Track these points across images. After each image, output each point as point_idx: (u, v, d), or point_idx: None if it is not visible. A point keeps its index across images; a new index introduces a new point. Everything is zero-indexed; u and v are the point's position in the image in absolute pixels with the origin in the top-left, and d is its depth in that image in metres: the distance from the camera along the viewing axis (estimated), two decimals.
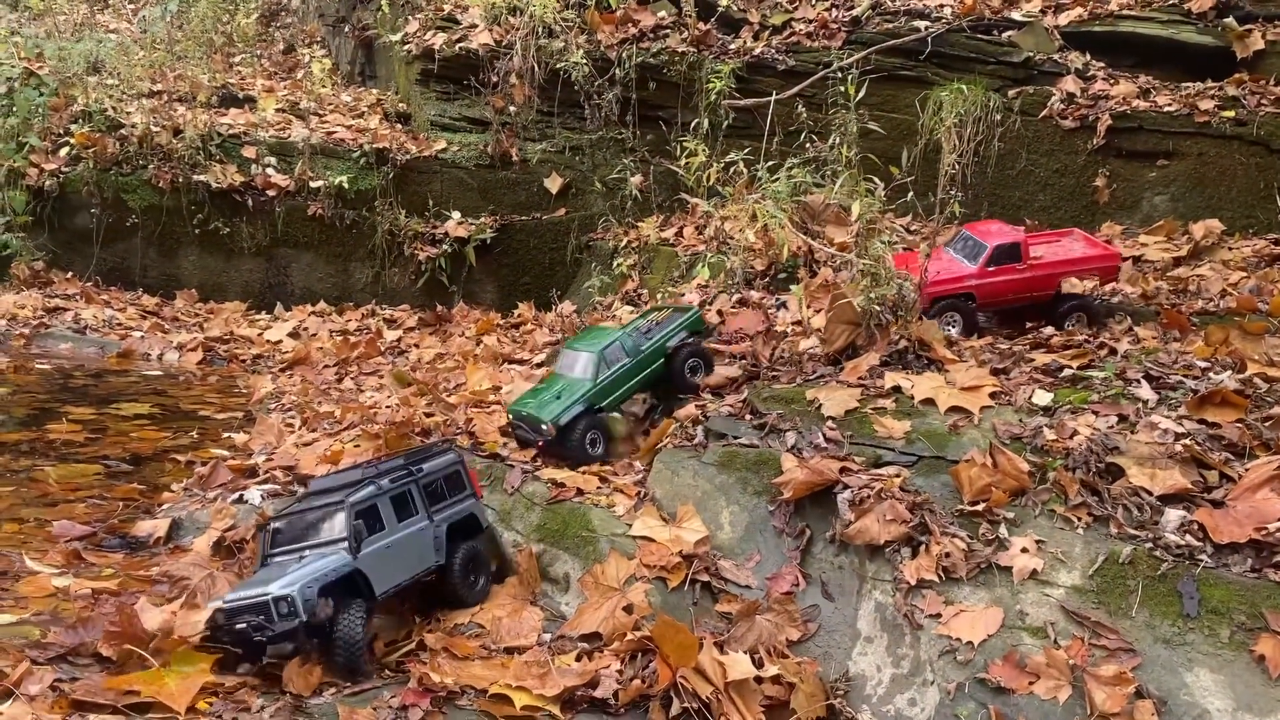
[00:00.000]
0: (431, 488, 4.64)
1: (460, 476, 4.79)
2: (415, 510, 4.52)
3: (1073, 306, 6.18)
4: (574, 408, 5.35)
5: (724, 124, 9.25)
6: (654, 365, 5.67)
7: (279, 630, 3.83)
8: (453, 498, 4.70)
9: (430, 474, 4.66)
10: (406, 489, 4.53)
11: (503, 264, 10.66)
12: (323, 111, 11.70)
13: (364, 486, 4.37)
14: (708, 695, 3.90)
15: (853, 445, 4.86)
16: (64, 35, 13.22)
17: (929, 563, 4.23)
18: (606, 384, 5.47)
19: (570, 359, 5.65)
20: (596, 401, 5.44)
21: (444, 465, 4.75)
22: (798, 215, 7.51)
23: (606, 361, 5.49)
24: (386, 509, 4.39)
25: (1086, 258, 6.39)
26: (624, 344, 5.59)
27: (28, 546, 4.90)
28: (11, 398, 7.57)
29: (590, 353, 5.52)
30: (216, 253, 10.52)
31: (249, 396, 8.00)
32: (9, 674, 3.54)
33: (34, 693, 3.43)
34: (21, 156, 10.19)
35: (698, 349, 5.77)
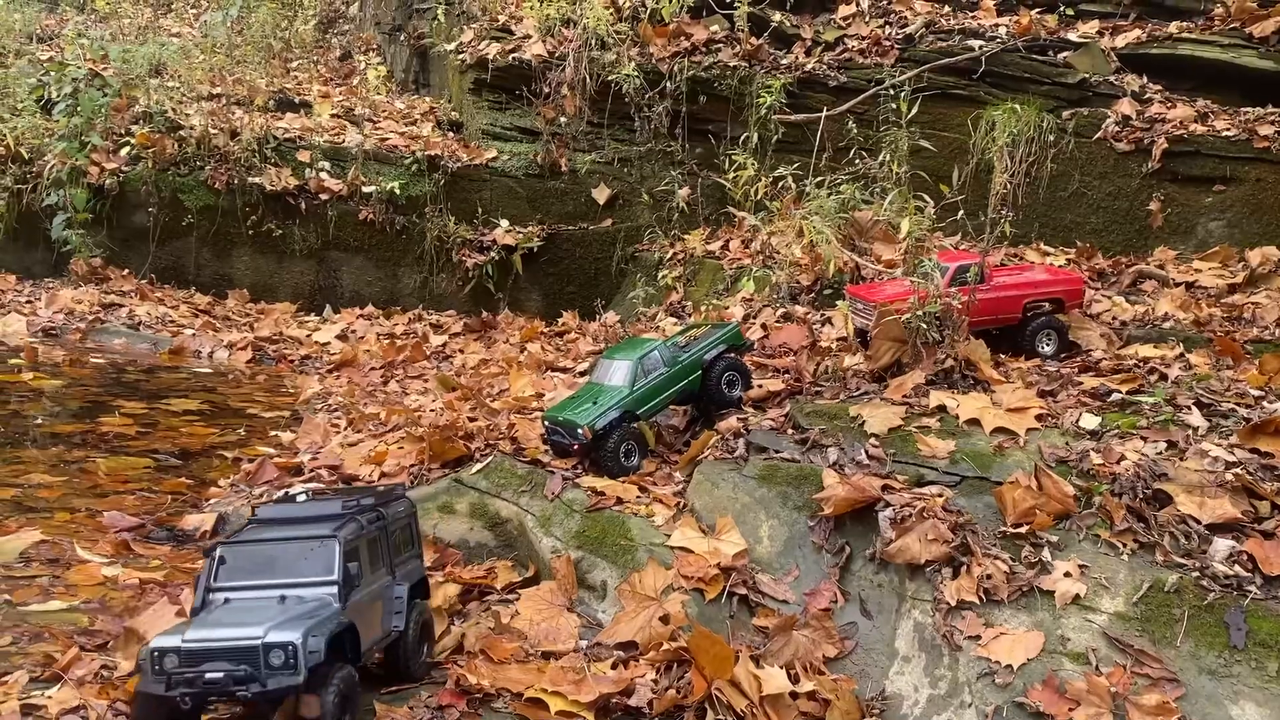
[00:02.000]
0: (394, 538, 4.01)
1: (414, 529, 4.20)
2: (383, 561, 3.87)
3: (1041, 325, 6.08)
4: (610, 413, 5.29)
5: (773, 139, 9.25)
6: (691, 377, 5.61)
7: (271, 688, 3.16)
8: (408, 553, 4.09)
9: (394, 521, 4.02)
10: (380, 534, 3.88)
11: (548, 273, 10.73)
12: (377, 118, 11.88)
13: (348, 521, 3.69)
14: (742, 709, 3.89)
15: (895, 463, 4.84)
16: (128, 38, 13.52)
17: (970, 584, 4.19)
18: (643, 392, 5.43)
19: (607, 368, 5.62)
20: (632, 409, 5.38)
21: (404, 514, 4.13)
22: (845, 231, 7.50)
23: (644, 369, 5.46)
24: (365, 554, 3.73)
25: (1051, 281, 6.35)
26: (661, 354, 5.56)
27: (79, 536, 5.02)
28: (66, 390, 7.75)
29: (628, 361, 5.49)
30: (269, 254, 10.69)
31: (296, 396, 8.13)
32: (58, 659, 3.62)
33: (81, 677, 3.49)
34: (84, 155, 10.44)
35: (734, 363, 5.71)
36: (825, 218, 7.43)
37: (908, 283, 6.20)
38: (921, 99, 8.23)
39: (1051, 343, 6.03)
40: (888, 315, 5.53)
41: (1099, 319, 6.80)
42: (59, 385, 7.85)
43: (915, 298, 5.50)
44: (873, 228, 7.62)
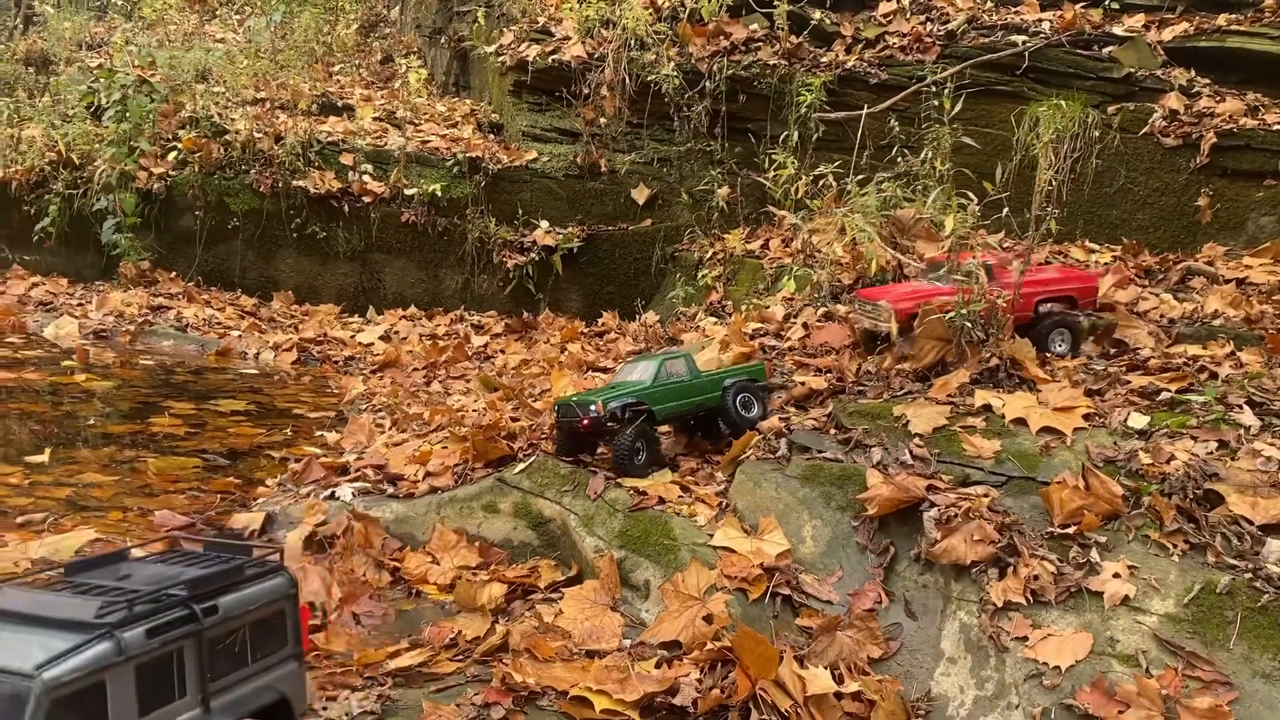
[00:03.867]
0: (226, 643, 2.80)
1: (284, 620, 2.99)
2: (178, 692, 2.64)
3: (1054, 324, 5.97)
4: (626, 399, 5.35)
5: (813, 137, 9.22)
6: (709, 394, 5.63)
7: None
8: (261, 659, 2.91)
9: (231, 618, 2.79)
10: (175, 651, 2.62)
11: (588, 273, 10.77)
12: (418, 121, 11.98)
13: (92, 644, 2.45)
14: (786, 709, 3.88)
15: (940, 463, 4.80)
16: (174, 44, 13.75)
17: (1017, 584, 4.15)
18: (661, 390, 5.48)
19: (630, 368, 5.76)
20: (650, 403, 5.42)
21: (260, 599, 2.91)
22: (887, 229, 7.45)
23: (666, 369, 5.54)
24: (122, 691, 2.48)
25: (1062, 279, 6.25)
26: (687, 364, 5.65)
27: (131, 534, 5.10)
28: (117, 392, 7.89)
29: (653, 360, 5.63)
30: (313, 256, 10.83)
31: (341, 397, 8.22)
32: None
33: None
34: (132, 160, 10.63)
35: (748, 386, 5.70)
36: (867, 216, 7.39)
37: (916, 285, 6.16)
38: (964, 96, 8.16)
39: (1065, 342, 5.95)
40: (931, 314, 5.49)
41: (1146, 317, 6.71)
42: (110, 386, 7.99)
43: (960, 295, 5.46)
44: (915, 226, 7.55)
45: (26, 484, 5.67)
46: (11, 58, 13.22)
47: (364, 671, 3.87)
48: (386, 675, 3.86)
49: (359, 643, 4.22)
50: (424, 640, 4.25)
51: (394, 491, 5.56)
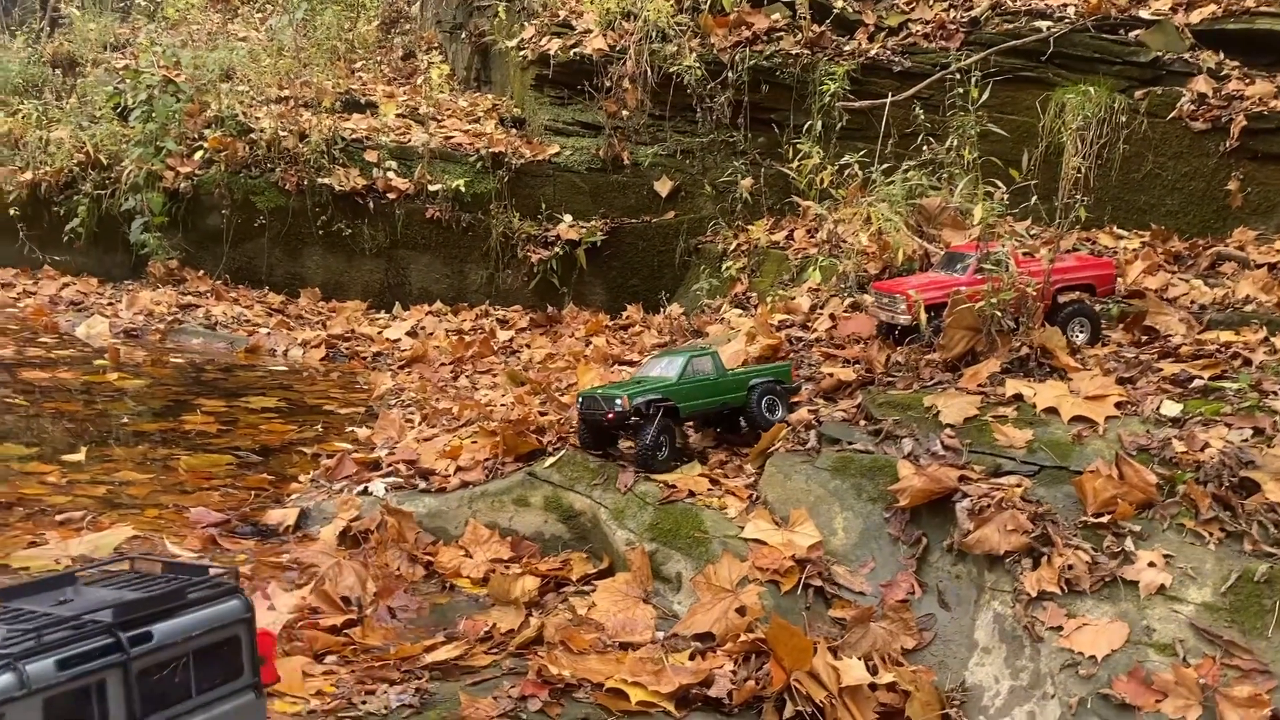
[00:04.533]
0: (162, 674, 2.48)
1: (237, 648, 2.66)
2: None
3: (1073, 313, 5.91)
4: (651, 394, 5.30)
5: (837, 126, 9.18)
6: (734, 393, 5.58)
7: None
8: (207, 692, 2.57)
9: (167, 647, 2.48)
10: (95, 684, 2.34)
11: (612, 266, 10.78)
12: (441, 116, 12.01)
13: None
14: (821, 700, 3.89)
15: (972, 453, 4.79)
16: (198, 44, 13.84)
17: (1051, 574, 4.14)
18: (688, 387, 5.42)
19: (655, 362, 5.71)
20: (675, 400, 5.37)
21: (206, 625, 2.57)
22: (913, 218, 7.42)
23: (694, 367, 5.49)
24: None
25: (1080, 267, 6.18)
26: (714, 361, 5.59)
27: (168, 531, 5.17)
28: (149, 390, 7.98)
29: (679, 356, 5.56)
30: (339, 253, 10.89)
31: (370, 392, 8.28)
32: None
33: None
34: (159, 160, 10.72)
35: (773, 387, 5.63)
36: (893, 205, 7.37)
37: (933, 276, 6.13)
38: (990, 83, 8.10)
39: (1084, 331, 5.89)
40: (961, 304, 5.47)
41: (1177, 303, 6.66)
42: (142, 385, 8.08)
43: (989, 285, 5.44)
44: (941, 214, 7.53)
45: (64, 482, 5.75)
46: (39, 60, 13.34)
47: (401, 665, 3.91)
48: (423, 669, 3.89)
49: (395, 636, 4.26)
50: (459, 634, 4.28)
51: (426, 486, 5.60)
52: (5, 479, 5.73)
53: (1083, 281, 6.10)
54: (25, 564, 4.62)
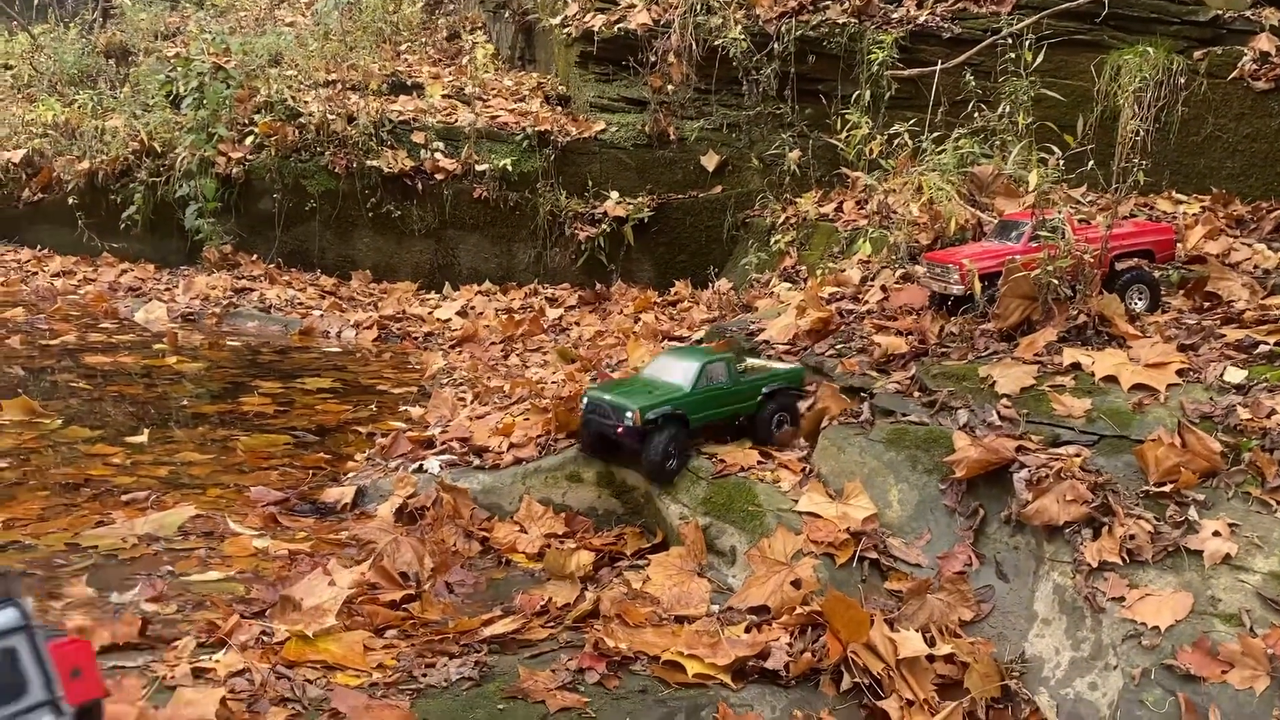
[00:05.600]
0: None
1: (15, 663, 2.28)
2: None
3: (1131, 279, 5.74)
4: (664, 407, 5.00)
5: (886, 96, 9.05)
6: (747, 403, 5.32)
7: None
8: None
9: None
10: None
11: (659, 242, 10.76)
12: (486, 96, 12.04)
13: None
14: (879, 671, 3.87)
15: (1029, 423, 4.72)
16: (246, 30, 13.99)
17: (1112, 544, 4.07)
18: (701, 397, 5.13)
19: (667, 364, 5.32)
20: (687, 411, 5.08)
21: None
22: (965, 187, 7.31)
23: (708, 375, 5.16)
24: None
25: (1138, 233, 6.00)
26: (728, 367, 5.27)
27: (229, 510, 5.27)
28: (207, 373, 8.12)
29: (694, 362, 5.21)
30: (388, 235, 10.98)
31: (422, 372, 8.36)
32: (221, 625, 3.83)
33: (243, 643, 3.69)
34: (211, 146, 10.87)
35: (788, 404, 5.41)
36: (944, 174, 7.25)
37: (986, 245, 6.03)
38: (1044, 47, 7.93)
39: (1144, 298, 5.75)
40: (1015, 272, 5.38)
41: (1239, 268, 6.50)
42: (200, 368, 8.23)
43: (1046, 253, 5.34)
44: (994, 182, 7.40)
45: (128, 463, 5.89)
46: (93, 51, 13.57)
47: (460, 639, 3.96)
48: (481, 642, 3.94)
49: (453, 611, 4.31)
50: (516, 608, 4.32)
51: (480, 463, 5.65)
52: (72, 460, 5.87)
53: (1141, 247, 5.97)
54: (94, 542, 4.75)
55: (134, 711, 3.07)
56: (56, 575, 4.40)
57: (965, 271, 5.64)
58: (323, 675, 3.53)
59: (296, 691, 3.37)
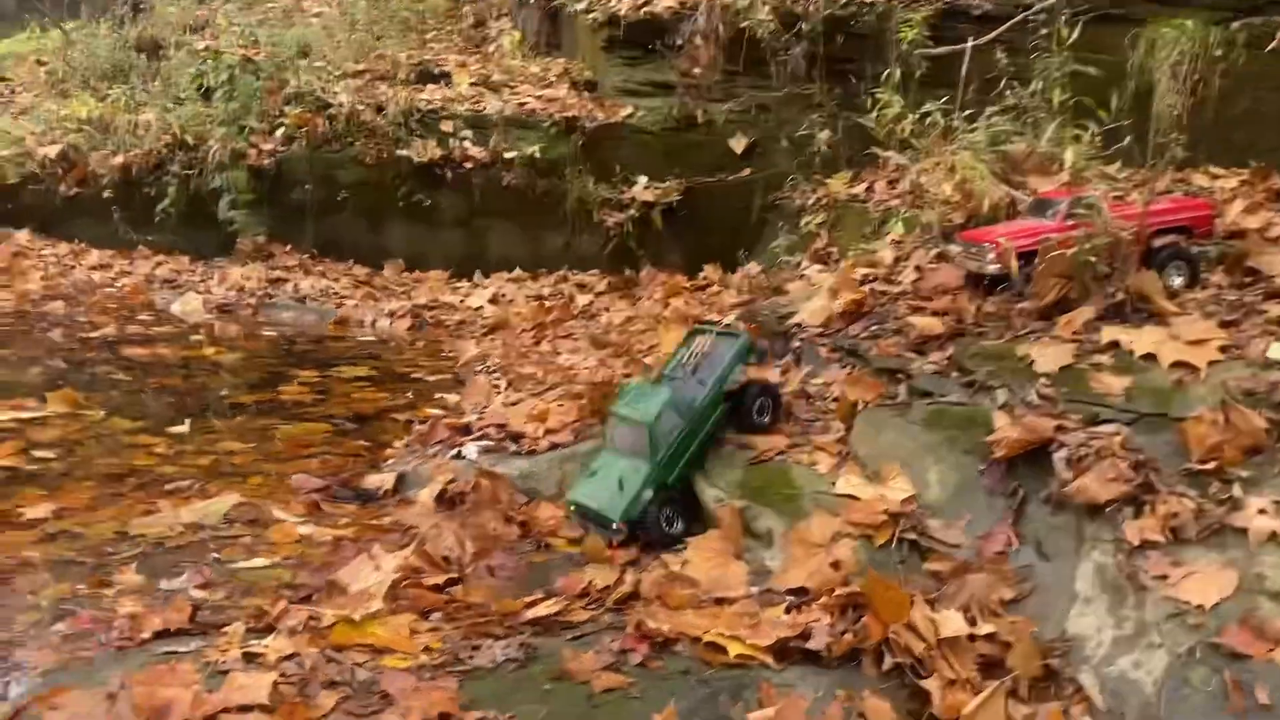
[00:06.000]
0: None
1: None
2: None
3: (1169, 256, 5.64)
4: (641, 497, 4.76)
5: (916, 75, 8.96)
6: (716, 415, 5.05)
7: None
8: None
9: None
10: None
11: (688, 227, 10.74)
12: (514, 83, 12.05)
13: None
14: (920, 651, 3.87)
15: (1068, 402, 4.69)
16: (275, 22, 14.07)
17: (1154, 523, 4.05)
18: (667, 459, 4.86)
19: (621, 433, 4.95)
20: (663, 479, 4.85)
21: None
22: (998, 166, 7.24)
23: (661, 433, 4.83)
24: None
25: (1176, 208, 5.90)
26: (676, 406, 4.91)
27: (272, 498, 5.35)
28: (244, 363, 8.22)
29: (642, 425, 4.84)
30: (420, 224, 11.04)
31: (456, 360, 8.42)
32: (270, 611, 3.89)
33: (292, 628, 3.75)
34: (243, 138, 10.96)
35: (766, 387, 5.20)
36: (976, 153, 7.19)
37: (1022, 223, 5.97)
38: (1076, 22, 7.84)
39: (1182, 274, 5.65)
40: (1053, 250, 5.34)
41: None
42: (237, 358, 8.34)
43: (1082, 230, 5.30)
44: (1027, 160, 7.33)
45: (171, 452, 5.98)
46: (125, 45, 13.69)
47: (504, 621, 4.01)
48: (525, 624, 3.98)
49: (495, 594, 4.35)
50: (557, 591, 4.36)
51: (517, 449, 5.69)
52: (116, 451, 5.97)
53: (1178, 223, 5.90)
54: (142, 531, 4.84)
55: (189, 695, 3.13)
56: (107, 563, 4.49)
57: (1001, 250, 5.61)
58: (371, 658, 3.58)
59: (346, 675, 3.42)
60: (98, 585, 4.23)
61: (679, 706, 3.43)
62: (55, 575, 4.32)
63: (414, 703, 3.23)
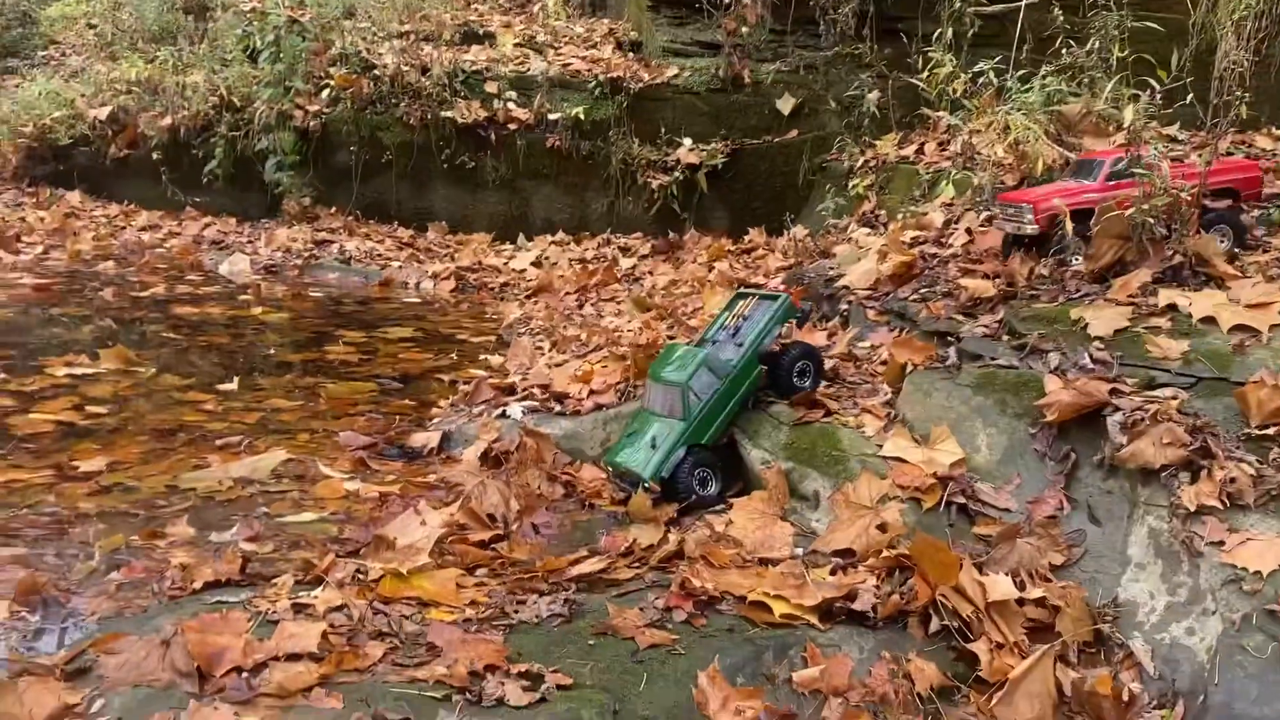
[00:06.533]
0: None
1: None
2: None
3: (1213, 220, 5.45)
4: (673, 455, 4.73)
5: (969, 34, 8.77)
6: (752, 377, 5.01)
7: None
8: None
9: None
10: None
11: (733, 189, 10.65)
12: (558, 44, 11.97)
13: None
14: (968, 614, 3.84)
15: (1123, 366, 4.59)
16: None
17: (1211, 488, 3.96)
18: (702, 419, 4.82)
19: (657, 394, 4.94)
20: (697, 439, 4.83)
21: None
22: (1052, 126, 7.08)
23: (695, 393, 4.80)
24: None
25: (1223, 169, 5.69)
26: (711, 366, 4.89)
27: (320, 454, 5.40)
28: (291, 323, 8.29)
29: (677, 386, 4.81)
30: (463, 186, 11.05)
31: (499, 321, 8.44)
32: (318, 564, 3.93)
33: (340, 580, 3.78)
34: (289, 100, 11.01)
35: (807, 349, 5.11)
36: (1030, 113, 7.04)
37: (1062, 184, 5.82)
38: None
39: (1226, 239, 5.49)
40: (1109, 212, 5.22)
41: None
42: (284, 318, 8.41)
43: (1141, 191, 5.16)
44: (1082, 121, 7.16)
45: (220, 409, 6.05)
46: (172, 7, 13.77)
47: (548, 577, 4.02)
48: (569, 581, 3.99)
49: (540, 551, 4.38)
50: (601, 549, 4.37)
51: (561, 409, 5.70)
52: (167, 407, 6.06)
53: (1225, 185, 5.73)
54: (192, 485, 4.91)
55: (240, 643, 3.17)
56: (159, 515, 4.56)
57: (1041, 211, 5.48)
58: (418, 611, 3.61)
59: (394, 626, 3.45)
60: (150, 537, 4.30)
61: (723, 664, 3.42)
62: (109, 526, 4.40)
63: (460, 654, 3.25)
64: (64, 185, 11.86)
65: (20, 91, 13.06)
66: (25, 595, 3.68)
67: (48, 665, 3.11)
